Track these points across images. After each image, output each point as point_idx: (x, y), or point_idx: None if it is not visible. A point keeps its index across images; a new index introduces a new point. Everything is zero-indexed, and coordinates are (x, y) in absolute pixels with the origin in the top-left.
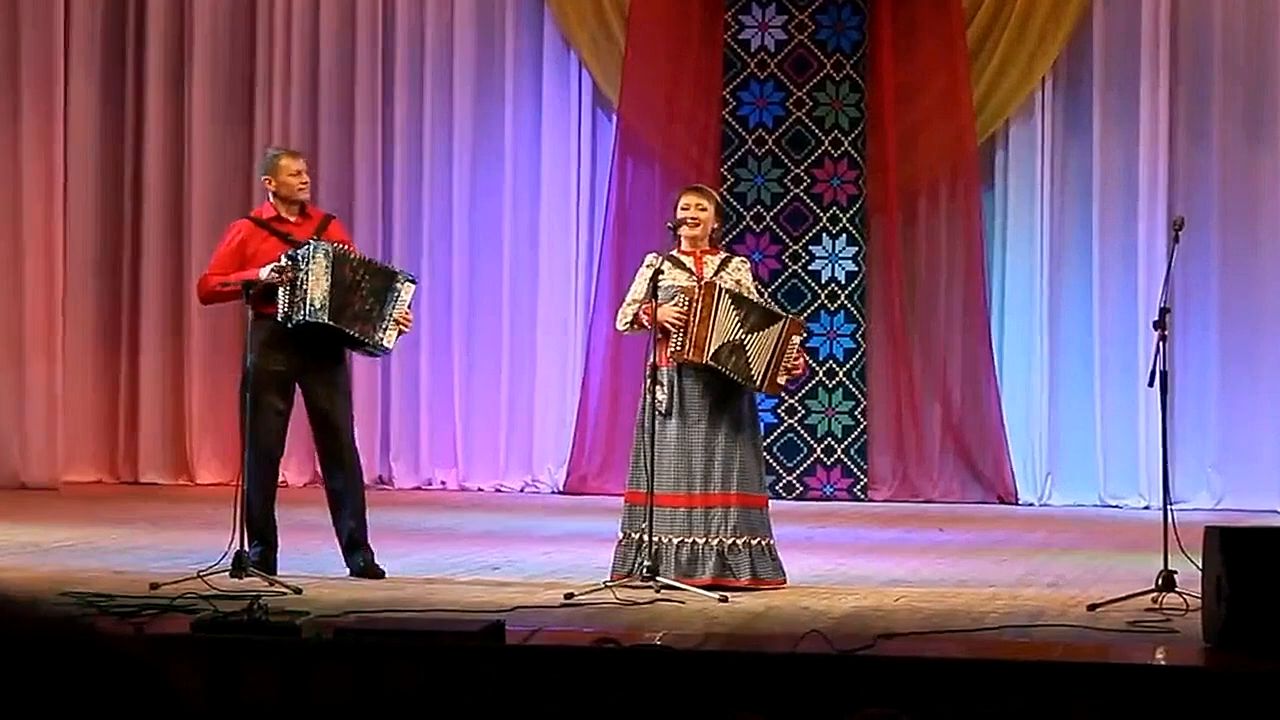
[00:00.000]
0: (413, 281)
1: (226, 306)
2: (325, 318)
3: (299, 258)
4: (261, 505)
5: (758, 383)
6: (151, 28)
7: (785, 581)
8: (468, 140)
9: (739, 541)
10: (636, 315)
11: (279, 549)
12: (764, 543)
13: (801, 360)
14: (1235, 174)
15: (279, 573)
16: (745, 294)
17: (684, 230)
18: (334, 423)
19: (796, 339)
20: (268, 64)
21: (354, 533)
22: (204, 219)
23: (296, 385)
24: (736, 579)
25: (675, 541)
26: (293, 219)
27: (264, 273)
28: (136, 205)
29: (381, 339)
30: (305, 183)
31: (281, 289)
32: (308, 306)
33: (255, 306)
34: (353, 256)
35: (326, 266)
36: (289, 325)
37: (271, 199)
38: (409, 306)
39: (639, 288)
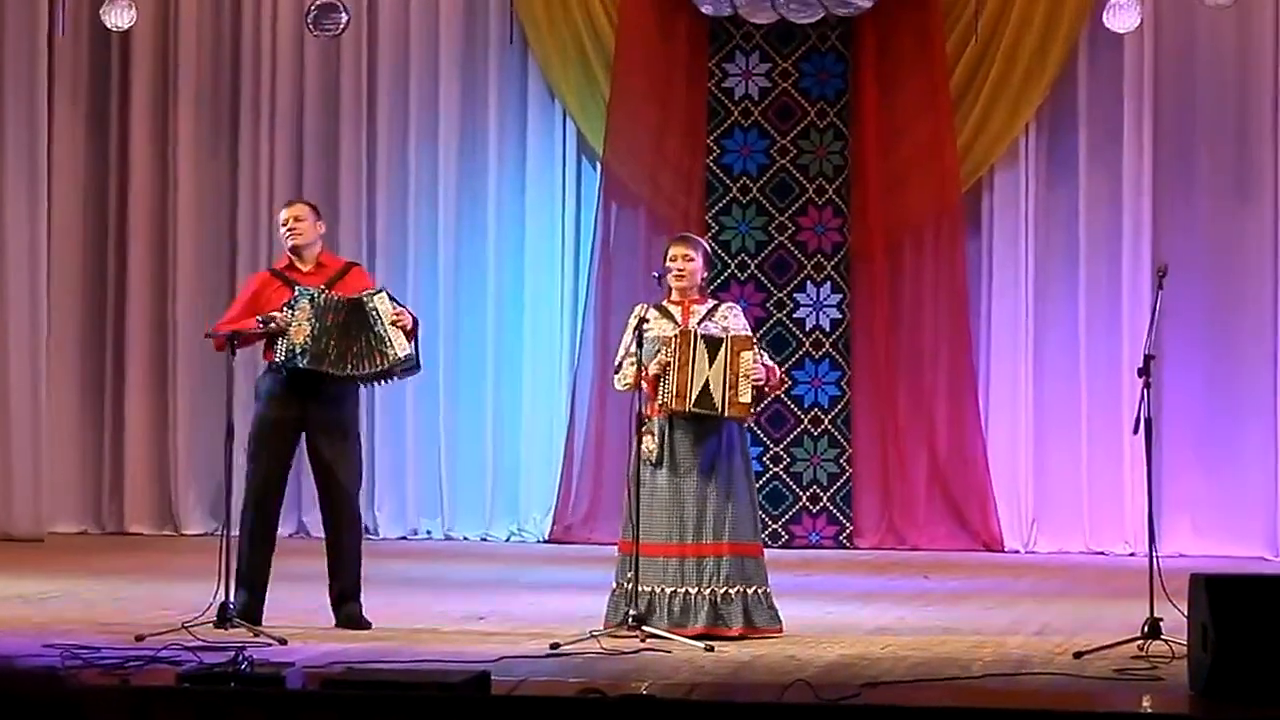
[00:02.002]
0: (379, 292)
1: (212, 356)
2: (304, 363)
3: (291, 305)
4: (254, 553)
5: (720, 409)
6: (136, 64)
7: (781, 630)
8: (452, 186)
9: (732, 591)
10: (634, 374)
11: (265, 600)
12: (760, 591)
13: (767, 371)
14: (1219, 220)
15: (264, 623)
16: (727, 333)
17: (671, 280)
18: (337, 476)
19: (747, 354)
20: (253, 109)
21: (346, 586)
22: (189, 269)
23: (301, 436)
24: (729, 629)
25: (668, 592)
26: (306, 269)
27: (259, 323)
28: (121, 254)
29: (395, 353)
30: (291, 231)
31: (279, 338)
32: (288, 352)
33: (264, 355)
34: (335, 301)
35: (310, 313)
36: (283, 373)
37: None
38: (395, 307)
39: (628, 340)
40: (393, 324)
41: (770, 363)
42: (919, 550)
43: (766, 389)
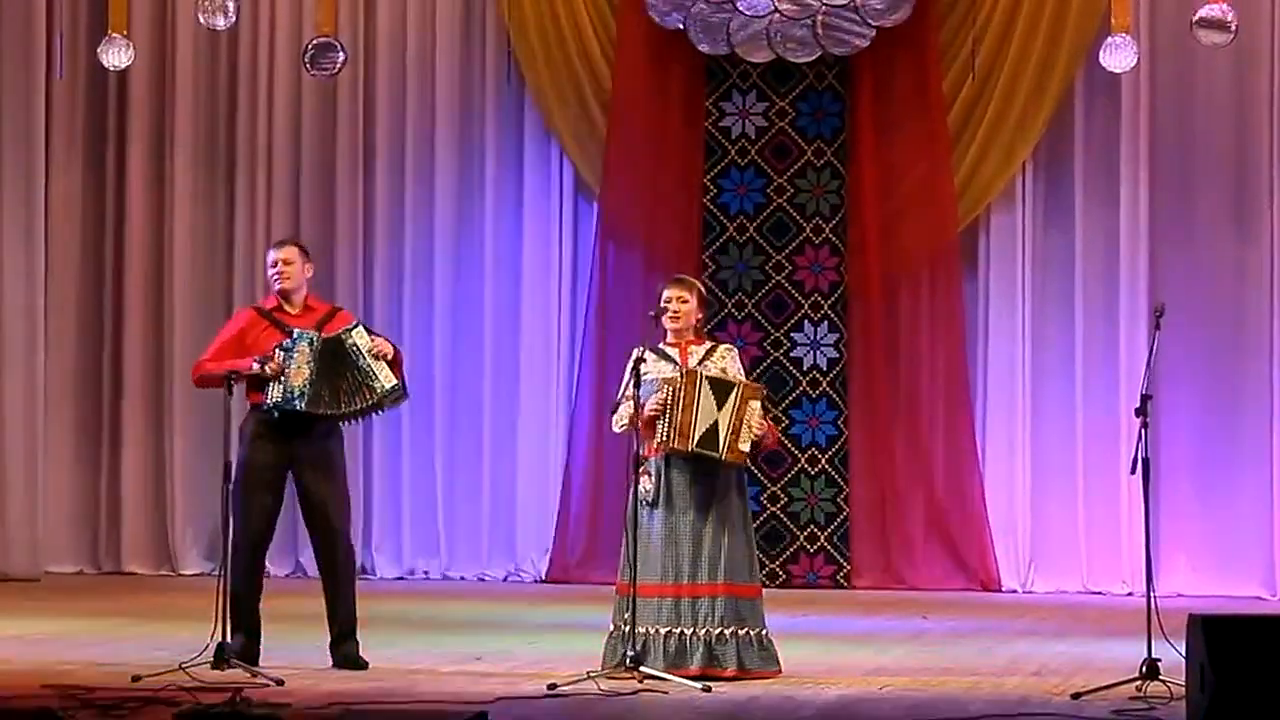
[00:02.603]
0: (355, 327)
1: (211, 395)
2: (302, 405)
3: (288, 348)
4: (246, 597)
5: (720, 452)
6: (133, 106)
7: (779, 672)
8: (449, 226)
9: (726, 631)
10: (631, 416)
11: (262, 640)
12: (754, 633)
13: (767, 426)
14: (1217, 260)
15: (261, 664)
16: (739, 379)
17: (666, 322)
18: (327, 515)
19: (755, 403)
20: (249, 149)
21: (343, 625)
22: (185, 310)
23: (289, 475)
24: (723, 669)
25: (663, 632)
26: (295, 311)
27: (256, 365)
28: (117, 294)
29: (381, 386)
30: (279, 274)
31: (271, 381)
32: (286, 395)
33: (247, 397)
34: (331, 343)
35: (309, 356)
36: (275, 416)
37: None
38: (372, 339)
39: (626, 382)
40: (374, 356)
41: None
42: (916, 590)
43: (762, 445)
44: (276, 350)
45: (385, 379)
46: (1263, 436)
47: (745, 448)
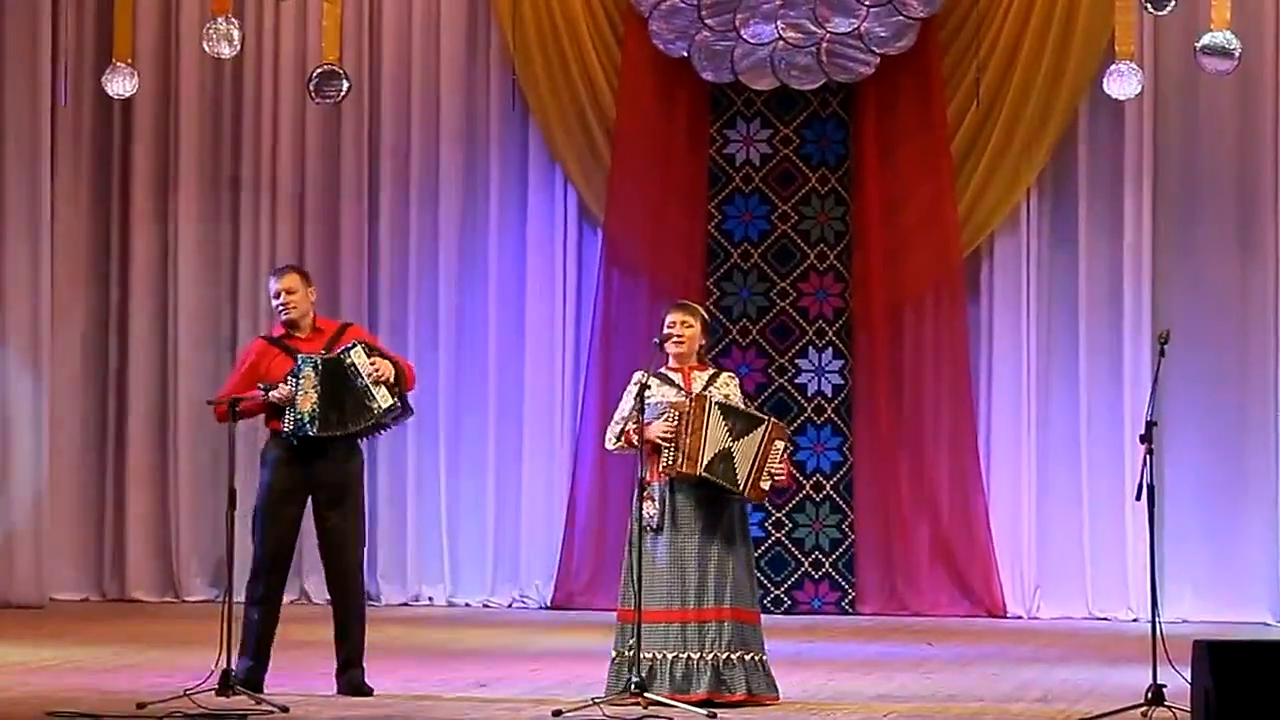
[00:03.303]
0: (353, 347)
1: (214, 422)
2: (314, 431)
3: (295, 373)
4: (261, 621)
5: (742, 488)
6: (137, 134)
7: (779, 698)
8: (453, 254)
9: (734, 656)
10: (624, 433)
11: (269, 667)
12: (757, 658)
13: (785, 467)
14: (1221, 286)
15: (266, 690)
16: (729, 404)
17: (669, 347)
18: (339, 543)
19: (780, 444)
20: (254, 177)
21: (349, 652)
22: (190, 337)
23: (308, 500)
24: (732, 694)
25: (670, 657)
26: (304, 335)
27: (273, 394)
28: (122, 321)
29: (379, 407)
30: (284, 305)
31: (286, 409)
32: (298, 423)
33: (266, 424)
34: (335, 364)
35: (315, 380)
36: (294, 443)
37: None
38: (370, 359)
39: (626, 405)
40: (371, 379)
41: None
42: (921, 616)
43: (776, 483)
44: (288, 378)
45: (382, 399)
46: (1268, 462)
47: (765, 486)
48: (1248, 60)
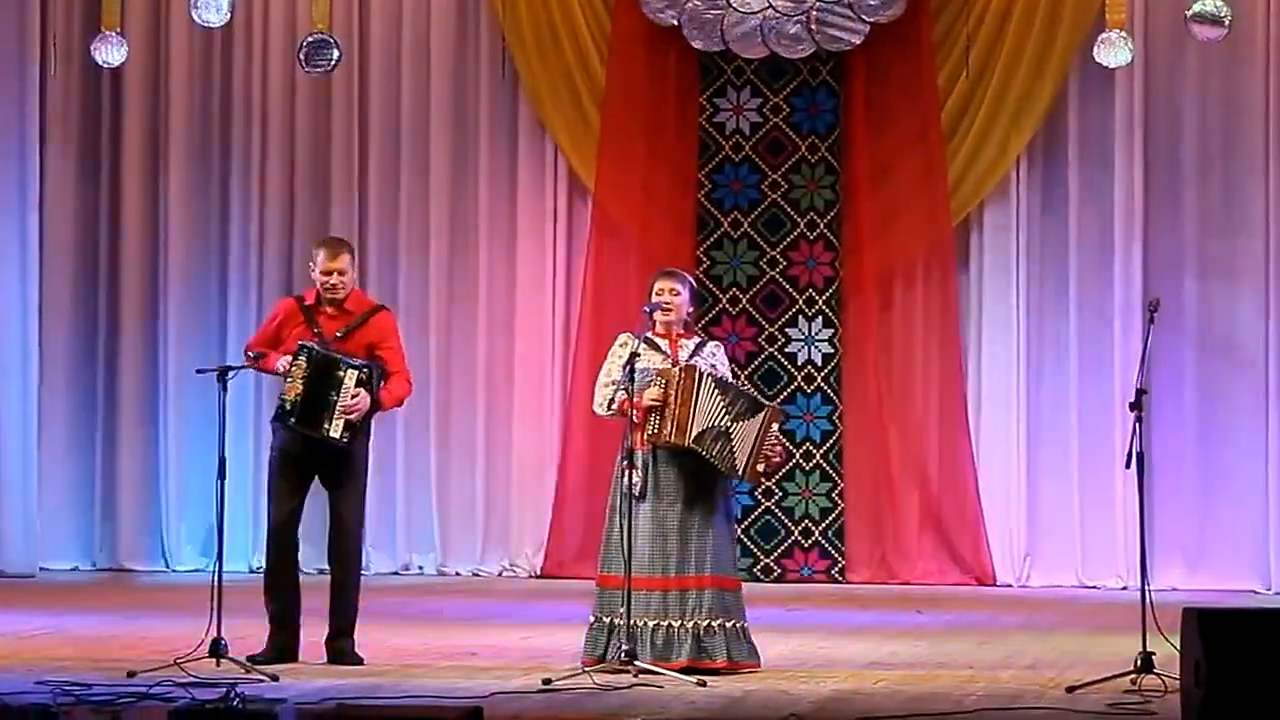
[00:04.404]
0: (355, 369)
1: (205, 392)
2: (292, 422)
3: (295, 355)
4: (277, 589)
5: (741, 472)
6: (127, 103)
7: (759, 665)
8: (443, 222)
9: (714, 624)
10: (618, 400)
11: (300, 636)
12: (738, 625)
13: (780, 448)
14: (1211, 254)
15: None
16: (723, 379)
17: (658, 315)
18: (338, 512)
19: (776, 426)
20: (244, 145)
21: (340, 622)
22: (180, 306)
23: (314, 470)
24: (713, 661)
25: (650, 625)
26: (330, 310)
27: (280, 364)
28: (113, 290)
29: (328, 429)
30: (332, 288)
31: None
32: (280, 407)
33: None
34: (328, 360)
35: (305, 370)
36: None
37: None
38: (355, 394)
39: (612, 367)
40: (343, 408)
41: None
42: (911, 584)
43: (771, 465)
44: (296, 354)
45: (333, 428)
46: (1257, 430)
47: (761, 468)
48: (1238, 27)
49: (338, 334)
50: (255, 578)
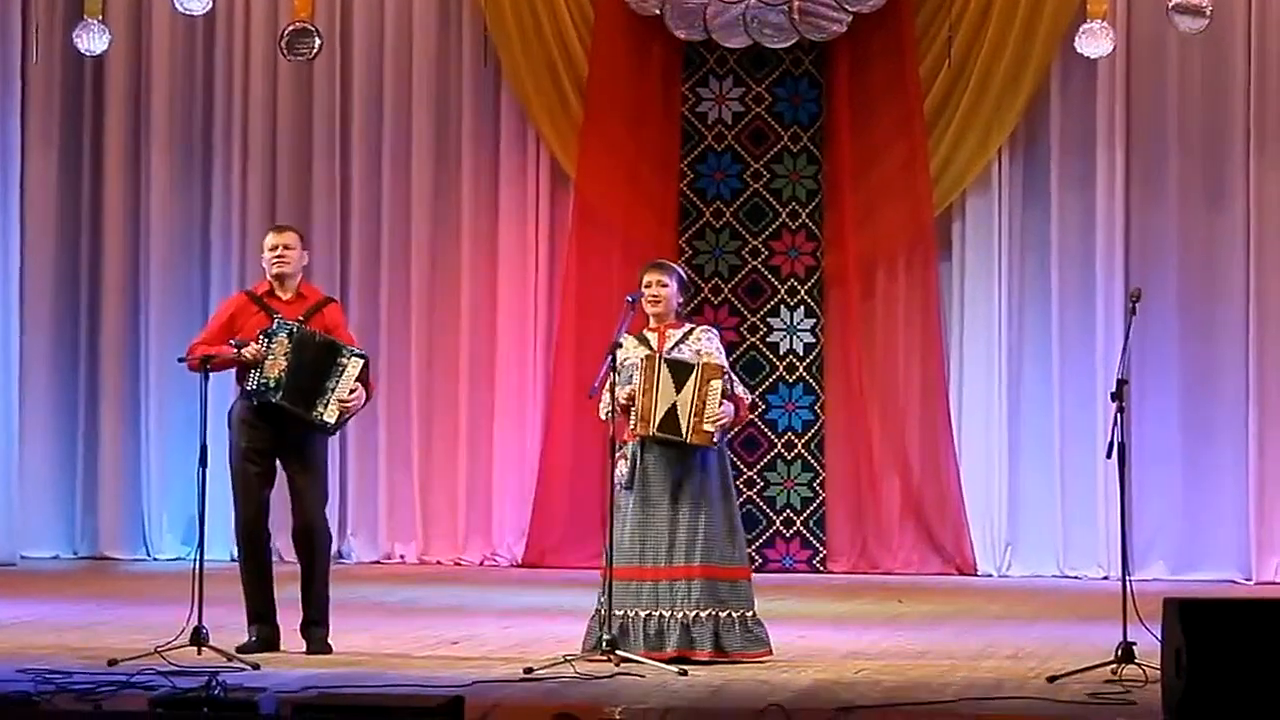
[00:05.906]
0: (360, 357)
1: (186, 380)
2: (276, 398)
3: (270, 334)
4: (255, 583)
5: (685, 435)
6: (109, 91)
7: (768, 653)
8: (425, 212)
9: (703, 614)
10: (613, 401)
11: (279, 627)
12: (735, 615)
13: (726, 412)
14: (1193, 242)
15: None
16: (699, 358)
17: (645, 306)
18: (303, 501)
19: (716, 383)
20: (225, 134)
21: (313, 612)
22: (161, 294)
23: (277, 461)
24: (699, 651)
25: (643, 615)
26: (286, 297)
27: (245, 351)
28: (94, 278)
29: (321, 414)
30: (279, 259)
31: (253, 368)
32: (262, 385)
33: (237, 381)
34: (316, 339)
35: (288, 347)
36: (254, 402)
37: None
38: (353, 385)
39: (606, 370)
40: (340, 397)
41: (741, 391)
42: (892, 574)
43: (731, 425)
44: (260, 336)
45: (328, 414)
46: (1238, 421)
47: (709, 428)
48: (1219, 18)
49: (299, 318)
50: (236, 566)
